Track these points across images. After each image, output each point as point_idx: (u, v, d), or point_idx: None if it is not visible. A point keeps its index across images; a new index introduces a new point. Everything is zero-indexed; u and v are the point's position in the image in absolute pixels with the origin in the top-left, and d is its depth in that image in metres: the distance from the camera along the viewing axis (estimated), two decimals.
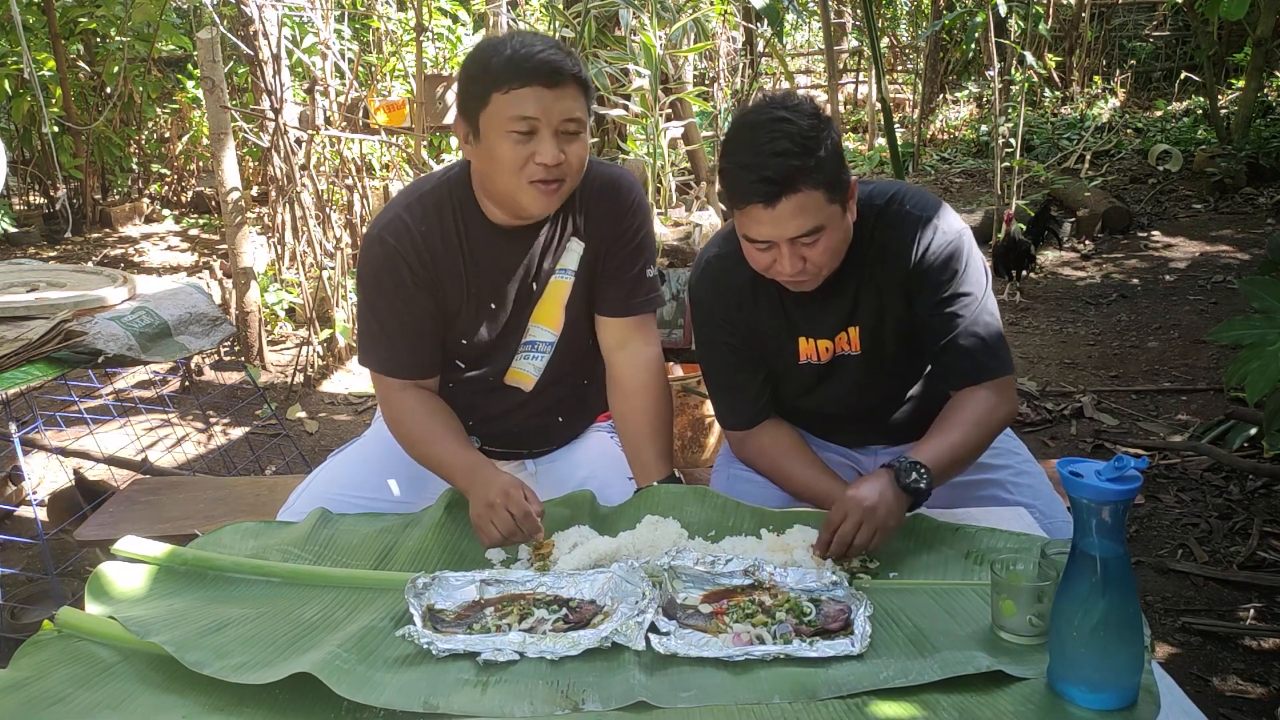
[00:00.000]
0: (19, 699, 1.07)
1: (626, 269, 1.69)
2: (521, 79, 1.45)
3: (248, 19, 4.21)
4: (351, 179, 4.83)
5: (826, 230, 1.43)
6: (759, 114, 1.43)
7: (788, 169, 1.37)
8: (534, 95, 1.45)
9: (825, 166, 1.39)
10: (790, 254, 1.44)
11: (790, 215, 1.40)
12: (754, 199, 1.40)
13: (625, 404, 1.71)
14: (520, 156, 1.47)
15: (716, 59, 6.51)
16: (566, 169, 1.50)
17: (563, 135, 1.48)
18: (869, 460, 1.80)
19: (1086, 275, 5.64)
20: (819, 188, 1.39)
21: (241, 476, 3.12)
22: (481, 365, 1.71)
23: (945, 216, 1.55)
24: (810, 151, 1.38)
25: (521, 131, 1.46)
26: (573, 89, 1.48)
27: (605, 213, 1.66)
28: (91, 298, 2.42)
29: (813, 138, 1.39)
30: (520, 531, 1.42)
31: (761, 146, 1.38)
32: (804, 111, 1.42)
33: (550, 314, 1.68)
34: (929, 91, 9.47)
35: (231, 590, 1.33)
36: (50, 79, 6.97)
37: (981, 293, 1.55)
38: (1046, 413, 3.74)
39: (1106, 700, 1.00)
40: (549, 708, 1.06)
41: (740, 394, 1.69)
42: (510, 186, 1.51)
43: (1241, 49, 8.56)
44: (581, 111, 1.50)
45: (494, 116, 1.47)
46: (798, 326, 1.62)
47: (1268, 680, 2.16)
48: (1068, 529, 1.16)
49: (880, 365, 1.63)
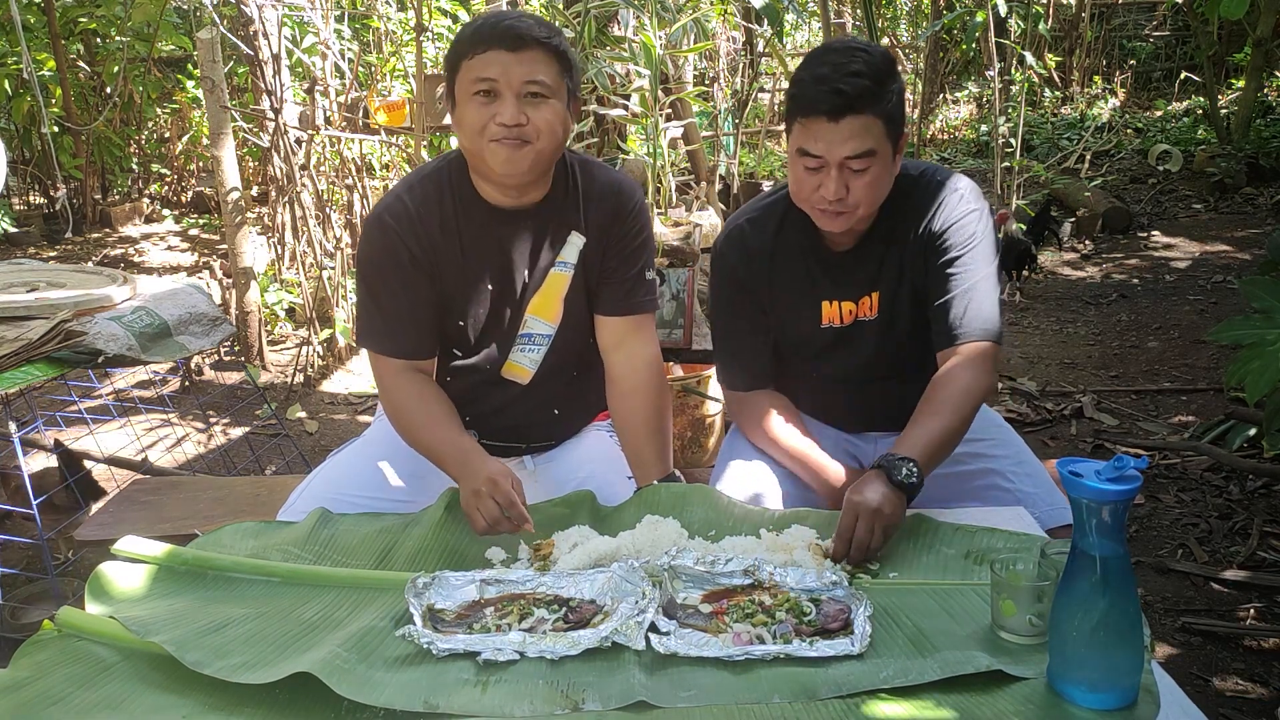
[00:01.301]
0: (19, 699, 1.07)
1: (626, 269, 1.70)
2: (485, 44, 1.50)
3: (248, 19, 4.21)
4: (351, 179, 4.83)
5: (877, 162, 1.49)
6: (840, 42, 1.54)
7: (860, 88, 1.45)
8: (495, 58, 1.49)
9: (892, 101, 1.48)
10: (838, 179, 1.49)
11: (849, 134, 1.46)
12: (820, 109, 1.46)
13: (624, 403, 1.72)
14: (483, 117, 1.51)
15: (716, 59, 6.51)
16: (531, 130, 1.52)
17: (526, 99, 1.51)
18: (867, 447, 1.83)
19: (1086, 275, 5.64)
20: (881, 117, 1.47)
21: (241, 476, 3.12)
22: (479, 354, 1.71)
23: (971, 190, 1.62)
24: (882, 83, 1.47)
25: (483, 92, 1.51)
26: (538, 53, 1.51)
27: (607, 212, 1.68)
28: (92, 298, 2.42)
29: (886, 73, 1.48)
30: (506, 521, 1.43)
31: (840, 65, 1.46)
32: (880, 52, 1.52)
33: (548, 306, 1.69)
34: (929, 91, 9.46)
35: (231, 590, 1.33)
36: (50, 79, 6.97)
37: (987, 266, 1.60)
38: (1046, 413, 3.74)
39: (1106, 700, 1.00)
40: (549, 707, 1.06)
41: (747, 356, 1.75)
42: (476, 147, 1.55)
43: (1241, 49, 8.56)
44: (547, 75, 1.52)
45: (462, 82, 1.53)
46: (823, 289, 1.67)
47: (1268, 680, 2.16)
48: (1068, 514, 1.17)
49: (894, 334, 1.68)
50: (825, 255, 1.66)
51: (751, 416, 1.74)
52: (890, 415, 1.78)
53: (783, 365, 1.77)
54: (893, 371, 1.73)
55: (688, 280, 2.51)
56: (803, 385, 1.79)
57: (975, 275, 1.59)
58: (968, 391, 1.55)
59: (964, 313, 1.58)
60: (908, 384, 1.72)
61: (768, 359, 1.75)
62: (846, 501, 1.40)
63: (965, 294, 1.58)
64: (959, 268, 1.59)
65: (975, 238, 1.59)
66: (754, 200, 1.76)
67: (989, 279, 1.60)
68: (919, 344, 1.68)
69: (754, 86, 6.22)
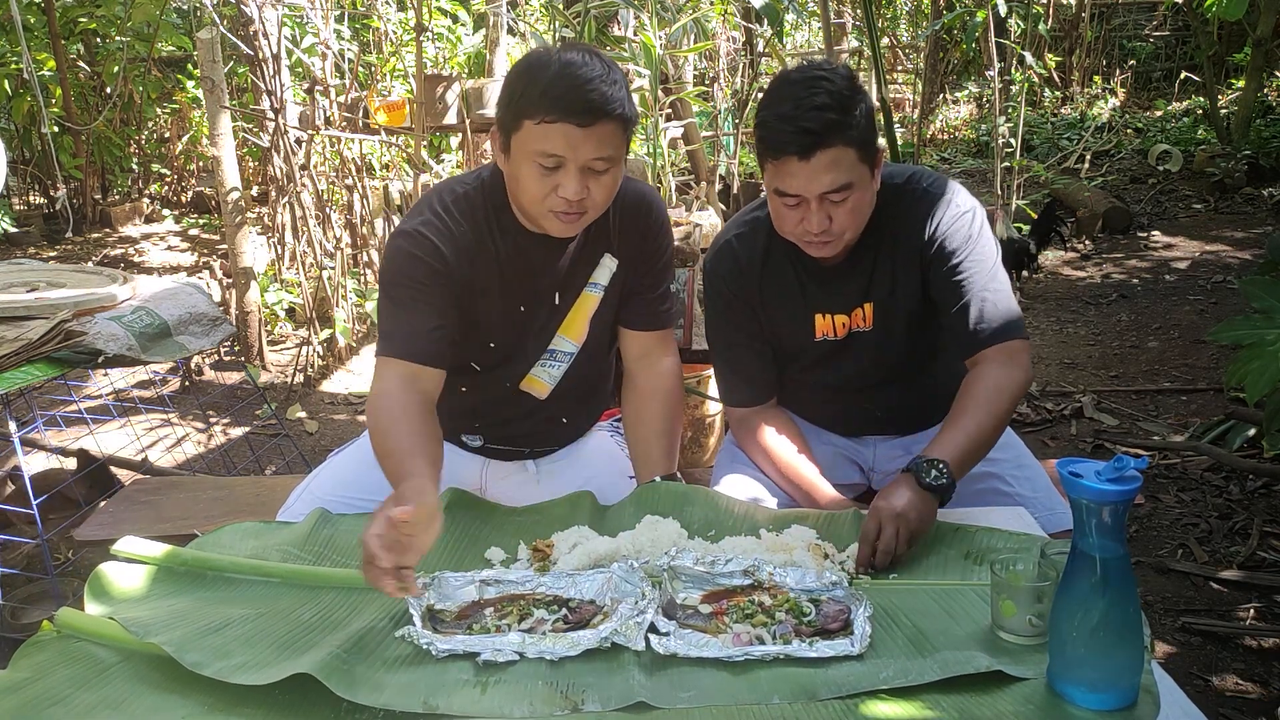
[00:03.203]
0: (19, 699, 1.07)
1: (654, 286, 1.71)
2: (554, 114, 1.41)
3: (248, 19, 4.21)
4: (351, 179, 4.83)
5: (855, 190, 1.47)
6: (799, 73, 1.48)
7: (825, 121, 1.41)
8: (563, 133, 1.42)
9: (860, 125, 1.45)
10: (819, 212, 1.47)
11: (823, 169, 1.44)
12: (790, 150, 1.43)
13: (640, 404, 1.72)
14: (544, 187, 1.46)
15: (716, 59, 6.51)
16: (589, 203, 1.49)
17: (589, 171, 1.46)
18: (867, 451, 1.83)
19: (1086, 275, 5.64)
20: (852, 145, 1.44)
21: (241, 476, 3.12)
22: (499, 369, 1.69)
23: (959, 194, 1.60)
24: (847, 109, 1.43)
25: (547, 166, 1.45)
26: (608, 127, 1.44)
27: (636, 231, 1.67)
28: (92, 298, 2.42)
29: (850, 97, 1.44)
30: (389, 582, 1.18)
31: (801, 100, 1.43)
32: (841, 74, 1.48)
33: (576, 326, 1.68)
34: (929, 91, 9.46)
35: (231, 590, 1.33)
36: (50, 79, 6.97)
37: (991, 264, 1.59)
38: (1046, 413, 3.74)
39: (1106, 700, 1.00)
40: (549, 708, 1.06)
41: (746, 371, 1.73)
42: (533, 211, 1.52)
43: (1241, 49, 8.56)
44: (614, 149, 1.47)
45: (523, 142, 1.45)
46: (815, 303, 1.66)
47: (1268, 680, 2.16)
48: (1068, 518, 1.17)
49: (890, 342, 1.67)
50: (815, 269, 1.63)
51: (750, 435, 1.71)
52: (890, 419, 1.78)
53: (779, 374, 1.76)
54: (891, 378, 1.72)
55: (688, 280, 2.51)
56: (800, 393, 1.78)
57: (983, 275, 1.57)
58: (999, 389, 1.53)
59: (982, 316, 1.56)
60: (907, 389, 1.72)
61: (768, 372, 1.73)
62: (872, 507, 1.38)
63: (979, 297, 1.56)
64: (965, 271, 1.57)
65: (974, 238, 1.57)
66: (740, 214, 1.74)
67: (997, 276, 1.58)
68: (917, 349, 1.68)
69: (754, 86, 6.21)
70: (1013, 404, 1.55)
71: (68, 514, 2.68)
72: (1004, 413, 1.53)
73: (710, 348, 1.77)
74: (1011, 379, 1.54)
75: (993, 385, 1.53)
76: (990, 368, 1.55)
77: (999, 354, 1.55)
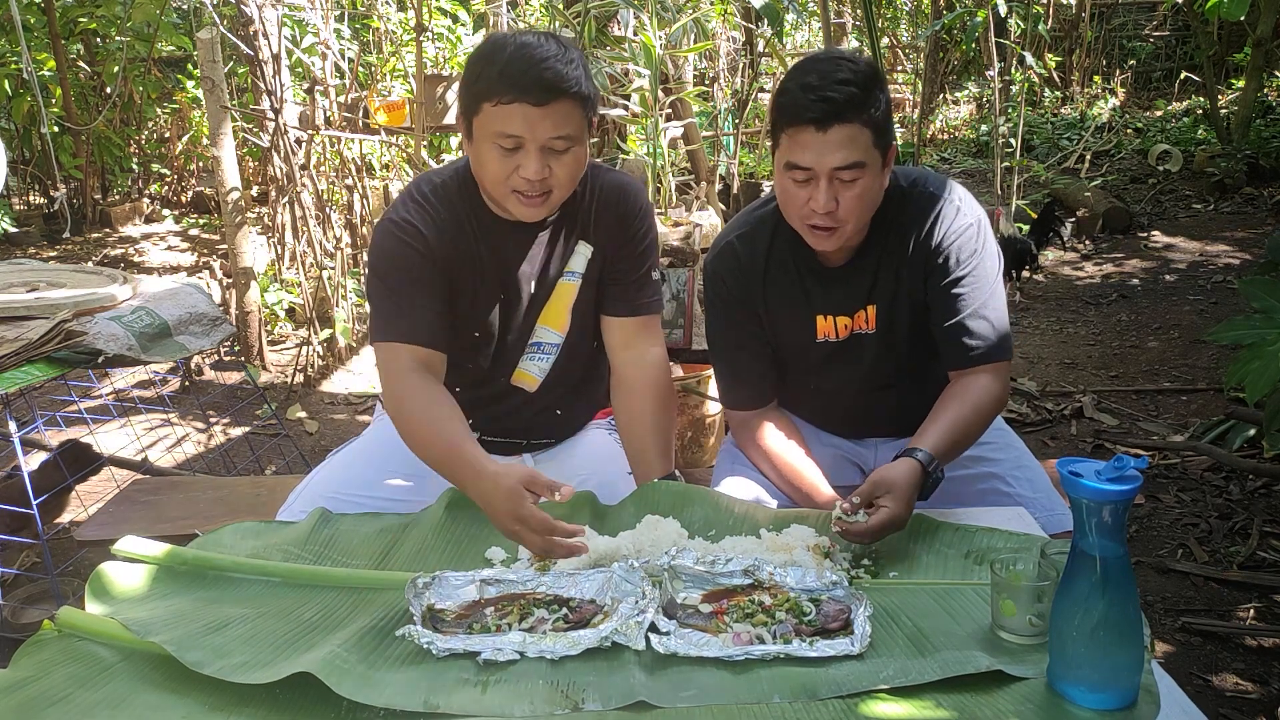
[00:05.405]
0: (19, 699, 1.07)
1: (633, 271, 1.71)
2: (510, 94, 1.44)
3: (248, 19, 4.21)
4: (351, 179, 4.83)
5: (866, 173, 1.47)
6: (826, 53, 1.52)
7: (847, 95, 1.43)
8: (521, 113, 1.44)
9: (879, 109, 1.46)
10: (827, 189, 1.47)
11: (838, 144, 1.44)
12: (808, 118, 1.44)
13: (630, 401, 1.72)
14: (505, 168, 1.49)
15: (716, 59, 6.52)
16: (553, 182, 1.51)
17: (550, 151, 1.48)
18: (868, 453, 1.82)
19: (1086, 275, 5.64)
20: (869, 126, 1.45)
21: (241, 476, 3.12)
22: (489, 364, 1.71)
23: (966, 200, 1.60)
24: (869, 90, 1.45)
25: (506, 147, 1.47)
26: (565, 105, 1.46)
27: (613, 218, 1.68)
28: (92, 297, 2.42)
29: (873, 82, 1.47)
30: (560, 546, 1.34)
31: (826, 74, 1.45)
32: (866, 63, 1.51)
33: (556, 316, 1.69)
34: (929, 91, 9.45)
35: (231, 590, 1.33)
36: (50, 79, 6.97)
37: (993, 279, 1.59)
38: (1046, 413, 3.74)
39: (1106, 700, 1.00)
40: (549, 707, 1.06)
41: (747, 374, 1.72)
42: (497, 194, 1.54)
43: (1241, 49, 8.56)
44: (573, 127, 1.48)
45: (483, 125, 1.48)
46: (817, 304, 1.66)
47: (1268, 680, 2.16)
48: (1068, 520, 1.17)
49: (893, 345, 1.67)
50: (819, 270, 1.63)
51: (751, 437, 1.71)
52: (891, 421, 1.77)
53: (781, 376, 1.75)
54: (893, 380, 1.72)
55: (688, 280, 2.51)
56: (801, 395, 1.78)
57: (983, 294, 1.57)
58: (992, 400, 1.56)
59: (975, 334, 1.57)
60: (908, 392, 1.72)
61: (769, 375, 1.72)
62: (888, 481, 1.39)
63: (975, 314, 1.57)
64: (965, 287, 1.57)
65: (978, 254, 1.57)
66: (742, 214, 1.73)
67: (996, 295, 1.59)
68: (918, 353, 1.67)
69: (754, 86, 6.22)
70: (991, 421, 1.60)
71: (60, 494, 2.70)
72: (986, 425, 1.58)
73: (710, 349, 1.77)
74: (999, 396, 1.58)
75: (985, 395, 1.56)
76: (984, 378, 1.58)
77: (987, 370, 1.58)
